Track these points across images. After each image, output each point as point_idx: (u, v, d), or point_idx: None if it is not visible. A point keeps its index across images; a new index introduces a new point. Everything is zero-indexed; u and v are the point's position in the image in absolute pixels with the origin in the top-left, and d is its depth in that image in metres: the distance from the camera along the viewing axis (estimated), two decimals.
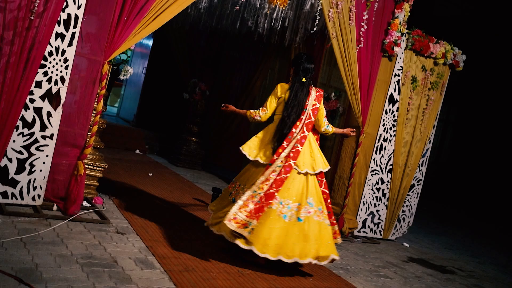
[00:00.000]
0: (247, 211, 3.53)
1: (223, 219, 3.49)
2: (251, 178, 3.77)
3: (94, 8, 3.78)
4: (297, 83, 3.87)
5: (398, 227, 6.21)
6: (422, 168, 6.31)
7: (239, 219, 3.49)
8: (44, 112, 3.65)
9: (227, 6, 5.80)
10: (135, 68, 11.07)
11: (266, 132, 3.99)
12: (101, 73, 3.89)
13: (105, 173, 5.08)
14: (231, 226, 3.46)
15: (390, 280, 4.26)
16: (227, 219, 3.47)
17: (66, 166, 3.89)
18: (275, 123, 3.95)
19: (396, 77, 5.78)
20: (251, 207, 3.54)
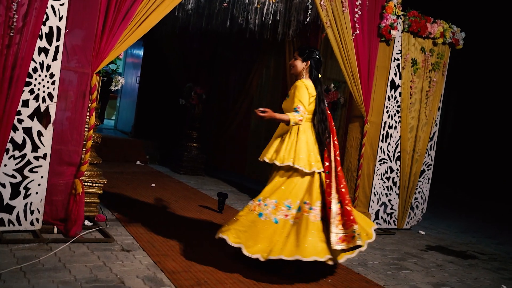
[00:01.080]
0: (340, 223, 3.39)
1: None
2: (302, 189, 3.48)
3: (76, 19, 3.61)
4: (318, 80, 3.67)
5: (412, 215, 6.03)
6: (431, 153, 6.13)
7: (342, 236, 3.35)
8: (34, 131, 3.48)
9: (215, 4, 5.62)
10: (128, 78, 10.92)
11: (295, 136, 3.56)
12: (91, 86, 3.72)
13: (106, 188, 4.91)
14: (341, 246, 3.31)
15: (412, 272, 4.08)
16: (335, 243, 3.29)
17: (63, 185, 3.72)
18: (307, 125, 3.60)
19: (395, 61, 5.61)
20: (338, 218, 3.40)
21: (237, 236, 3.35)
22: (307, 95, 3.51)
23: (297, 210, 3.44)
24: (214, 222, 4.86)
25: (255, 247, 3.30)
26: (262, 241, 3.32)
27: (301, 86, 3.54)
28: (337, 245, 3.30)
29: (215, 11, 5.81)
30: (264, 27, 6.33)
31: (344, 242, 3.32)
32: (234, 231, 3.38)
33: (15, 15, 3.22)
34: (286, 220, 3.40)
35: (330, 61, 6.38)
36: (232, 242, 3.34)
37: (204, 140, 8.41)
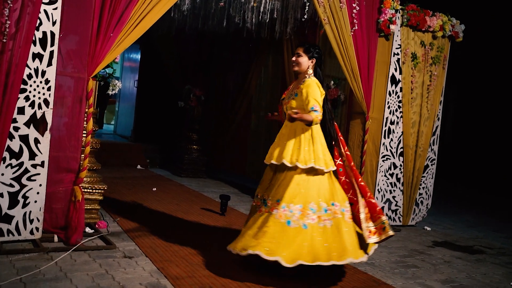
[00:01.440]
0: (366, 217, 3.45)
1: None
2: (324, 190, 3.40)
3: (70, 23, 3.54)
4: (321, 78, 3.60)
5: (417, 211, 5.96)
6: (434, 147, 6.06)
7: (373, 229, 3.43)
8: (31, 139, 3.41)
9: (211, 5, 5.55)
10: (126, 82, 10.85)
11: (309, 136, 3.46)
12: (87, 90, 3.65)
13: (106, 194, 4.86)
14: (374, 239, 3.40)
15: (419, 269, 4.01)
16: (367, 238, 3.36)
17: (63, 193, 3.66)
18: (318, 125, 3.50)
19: (395, 56, 5.54)
20: (366, 211, 3.47)
21: (270, 249, 3.15)
22: (319, 93, 3.44)
23: (324, 212, 3.33)
24: (217, 225, 4.79)
25: (292, 256, 3.14)
26: (298, 249, 3.18)
27: (313, 84, 3.45)
28: (369, 239, 3.37)
29: (211, 11, 5.75)
30: (261, 26, 6.27)
31: (376, 234, 3.40)
32: (265, 244, 3.17)
33: (8, 21, 3.16)
34: (314, 224, 3.28)
35: (328, 59, 6.30)
36: (268, 256, 3.11)
37: (204, 142, 8.35)
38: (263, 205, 3.45)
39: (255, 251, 3.15)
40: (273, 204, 3.35)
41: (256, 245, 3.18)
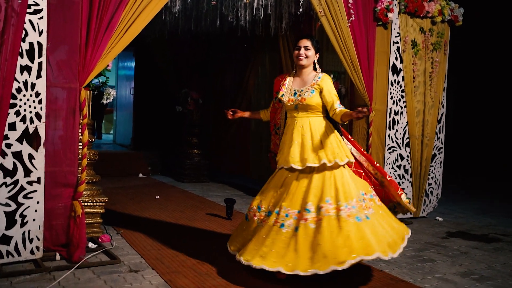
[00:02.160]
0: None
1: None
2: (357, 183, 3.35)
3: (57, 32, 3.40)
4: None
5: (427, 201, 5.81)
6: (441, 135, 5.91)
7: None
8: (24, 155, 3.28)
9: (203, 5, 5.41)
10: (122, 91, 10.73)
11: (332, 130, 3.37)
12: (80, 101, 3.52)
13: (108, 206, 4.73)
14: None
15: (436, 263, 3.86)
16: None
17: (62, 209, 3.52)
18: (329, 119, 3.42)
19: (395, 45, 5.39)
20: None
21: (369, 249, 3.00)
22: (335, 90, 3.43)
23: (364, 203, 3.22)
24: (224, 230, 4.66)
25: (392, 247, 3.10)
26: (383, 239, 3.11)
27: (329, 80, 3.41)
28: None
29: (204, 12, 5.60)
30: (256, 23, 6.12)
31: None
32: (358, 250, 2.97)
33: None
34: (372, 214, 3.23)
35: (325, 53, 6.17)
36: (324, 271, 2.93)
37: (205, 145, 8.22)
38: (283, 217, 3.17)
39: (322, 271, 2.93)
40: (323, 207, 3.10)
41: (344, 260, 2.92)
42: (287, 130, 3.42)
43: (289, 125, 3.42)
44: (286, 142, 3.37)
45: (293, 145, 3.28)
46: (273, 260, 3.03)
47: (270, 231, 3.15)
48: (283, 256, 3.02)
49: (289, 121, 3.42)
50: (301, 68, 3.44)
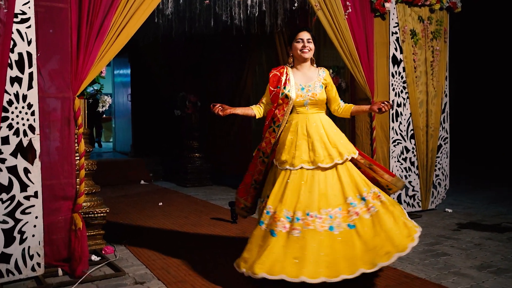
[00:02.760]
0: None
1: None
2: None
3: (47, 41, 3.29)
4: None
5: (436, 193, 5.70)
6: (445, 125, 5.79)
7: None
8: (20, 169, 3.17)
9: (195, 5, 5.29)
10: (119, 98, 10.63)
11: (333, 127, 3.27)
12: (74, 110, 3.41)
13: (110, 216, 4.64)
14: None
15: (450, 257, 3.75)
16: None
17: (62, 222, 3.41)
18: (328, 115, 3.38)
19: (394, 35, 5.28)
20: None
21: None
22: None
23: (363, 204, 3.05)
24: (230, 234, 4.54)
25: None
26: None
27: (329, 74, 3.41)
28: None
29: (197, 13, 5.49)
30: (250, 21, 6.01)
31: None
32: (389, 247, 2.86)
33: None
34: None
35: (323, 49, 6.06)
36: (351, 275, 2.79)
37: (206, 149, 8.11)
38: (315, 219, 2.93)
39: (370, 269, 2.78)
40: (366, 197, 3.03)
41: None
42: (294, 127, 3.20)
43: (297, 122, 3.20)
44: (298, 139, 3.14)
45: (315, 143, 3.10)
46: (343, 267, 2.79)
47: (321, 237, 2.87)
48: (357, 258, 2.81)
49: (296, 118, 3.22)
50: (303, 61, 3.30)
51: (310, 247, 2.82)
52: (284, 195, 3.01)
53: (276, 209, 3.00)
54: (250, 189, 3.49)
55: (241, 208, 3.60)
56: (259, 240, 2.97)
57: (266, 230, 2.99)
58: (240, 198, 3.56)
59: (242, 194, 3.54)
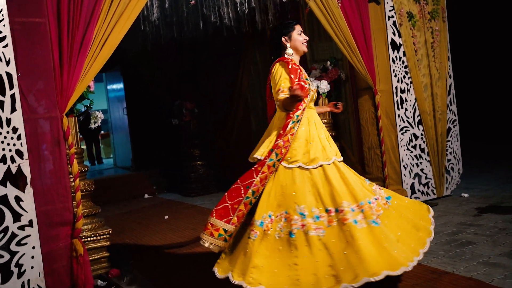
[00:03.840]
0: None
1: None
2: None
3: (27, 59, 3.08)
4: None
5: (450, 179, 5.48)
6: (452, 107, 5.58)
7: None
8: (11, 198, 2.96)
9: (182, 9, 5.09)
10: (115, 113, 10.44)
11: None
12: (63, 130, 3.21)
13: (115, 235, 4.45)
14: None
15: (476, 245, 3.53)
16: None
17: (62, 249, 3.20)
18: None
19: (390, 19, 5.07)
20: None
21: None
22: None
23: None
24: None
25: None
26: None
27: None
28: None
29: (184, 16, 5.28)
30: (240, 20, 5.80)
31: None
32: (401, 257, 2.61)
33: None
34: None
35: (318, 42, 5.87)
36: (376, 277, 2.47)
37: (208, 155, 7.90)
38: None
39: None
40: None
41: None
42: (309, 121, 2.93)
43: (308, 117, 2.93)
44: (316, 135, 2.89)
45: (329, 139, 2.95)
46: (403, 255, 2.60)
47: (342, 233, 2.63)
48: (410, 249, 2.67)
49: (306, 113, 2.94)
50: (300, 55, 3.09)
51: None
52: (339, 191, 2.72)
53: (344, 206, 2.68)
54: (240, 206, 2.80)
55: (217, 236, 2.82)
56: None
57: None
58: (219, 222, 2.81)
59: (222, 216, 2.81)
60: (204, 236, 2.86)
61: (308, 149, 2.81)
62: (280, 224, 2.70)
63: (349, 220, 2.63)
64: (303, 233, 2.64)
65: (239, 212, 2.78)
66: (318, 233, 2.62)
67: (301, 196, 2.71)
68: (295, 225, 2.66)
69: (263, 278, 2.56)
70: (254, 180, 2.79)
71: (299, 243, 2.61)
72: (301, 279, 2.51)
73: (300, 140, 2.83)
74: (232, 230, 2.80)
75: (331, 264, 2.53)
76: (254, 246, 2.66)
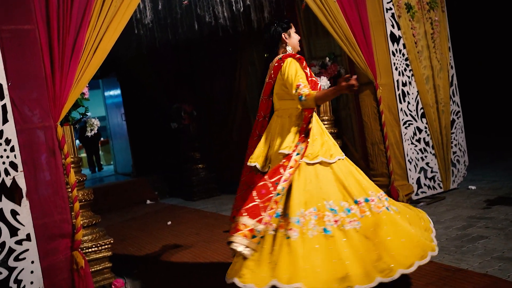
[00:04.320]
0: None
1: None
2: None
3: (17, 67, 2.97)
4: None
5: (456, 171, 5.38)
6: (455, 98, 5.48)
7: None
8: (6, 212, 2.86)
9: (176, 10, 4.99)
10: (113, 119, 10.35)
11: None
12: (58, 139, 3.11)
13: (118, 244, 4.36)
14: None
15: (489, 239, 3.43)
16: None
17: (62, 262, 3.10)
18: None
19: (388, 11, 4.97)
20: None
21: None
22: None
23: None
24: None
25: None
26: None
27: None
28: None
29: (178, 18, 5.18)
30: (236, 19, 5.70)
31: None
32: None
33: None
34: None
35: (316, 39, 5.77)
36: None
37: (209, 158, 7.80)
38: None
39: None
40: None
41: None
42: (316, 120, 2.90)
43: (314, 115, 2.92)
44: (325, 131, 2.90)
45: (327, 138, 2.89)
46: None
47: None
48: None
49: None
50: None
51: None
52: (362, 182, 2.75)
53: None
54: (271, 203, 2.64)
55: (251, 238, 2.58)
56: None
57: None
58: (251, 221, 2.58)
59: (255, 215, 2.60)
60: (237, 239, 2.53)
61: (325, 144, 2.79)
62: (312, 222, 2.59)
63: (383, 207, 2.65)
64: (337, 228, 2.57)
65: (271, 210, 2.62)
66: (353, 225, 2.58)
67: (328, 191, 2.66)
68: (328, 222, 2.59)
69: (312, 278, 2.41)
70: (282, 176, 2.67)
71: (337, 238, 2.53)
72: (350, 273, 2.40)
73: (317, 137, 2.80)
74: (263, 231, 2.59)
75: (377, 252, 2.48)
76: (298, 245, 2.50)
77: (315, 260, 2.46)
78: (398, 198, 4.73)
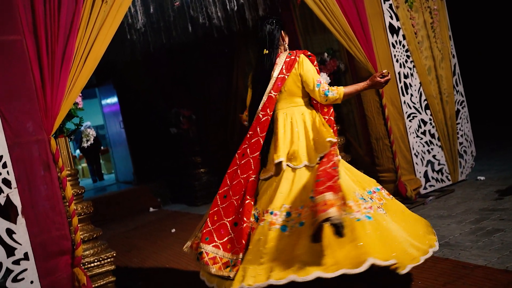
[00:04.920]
0: None
1: None
2: None
3: (6, 80, 2.86)
4: (259, 59, 2.98)
5: (463, 163, 5.25)
6: (459, 88, 5.35)
7: None
8: (2, 231, 2.74)
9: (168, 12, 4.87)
10: (112, 128, 10.24)
11: None
12: (52, 152, 2.99)
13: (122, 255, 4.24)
14: None
15: (505, 233, 3.30)
16: None
17: (63, 280, 2.98)
18: None
19: (386, 3, 4.85)
20: None
21: None
22: None
23: None
24: None
25: None
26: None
27: None
28: None
29: (171, 20, 5.06)
30: (230, 19, 5.58)
31: None
32: None
33: None
34: None
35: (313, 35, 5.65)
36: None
37: (210, 162, 7.68)
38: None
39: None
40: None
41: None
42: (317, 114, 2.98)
43: None
44: None
45: None
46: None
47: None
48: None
49: None
50: None
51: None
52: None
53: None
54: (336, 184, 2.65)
55: (345, 212, 2.55)
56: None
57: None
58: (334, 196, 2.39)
59: (337, 190, 2.45)
60: (338, 212, 2.23)
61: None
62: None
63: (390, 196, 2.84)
64: (374, 212, 2.53)
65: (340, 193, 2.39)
66: (382, 211, 2.61)
67: (351, 182, 2.70)
68: (364, 208, 2.54)
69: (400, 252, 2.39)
70: (334, 160, 2.57)
71: (378, 222, 2.48)
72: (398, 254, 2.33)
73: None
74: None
75: (408, 230, 2.57)
76: (364, 226, 2.41)
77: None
78: (406, 193, 4.62)
